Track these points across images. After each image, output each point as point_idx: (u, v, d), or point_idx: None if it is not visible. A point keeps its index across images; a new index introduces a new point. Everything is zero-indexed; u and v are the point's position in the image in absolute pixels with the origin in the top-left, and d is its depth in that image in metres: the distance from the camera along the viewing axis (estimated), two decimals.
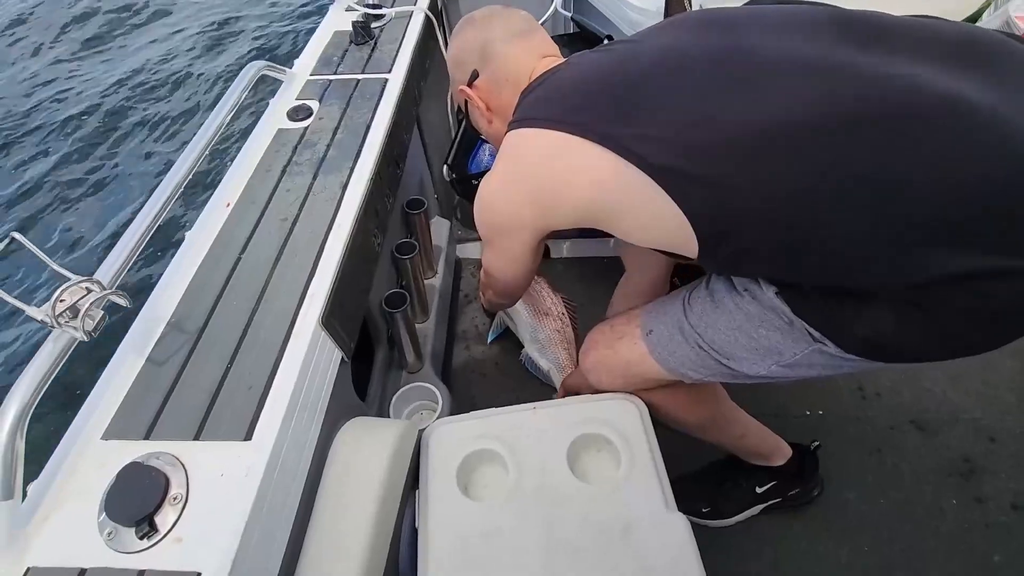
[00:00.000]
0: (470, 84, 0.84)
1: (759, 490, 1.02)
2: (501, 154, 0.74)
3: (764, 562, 1.01)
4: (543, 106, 0.70)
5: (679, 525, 0.73)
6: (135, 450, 0.60)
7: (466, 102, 0.87)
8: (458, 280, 1.51)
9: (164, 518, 0.55)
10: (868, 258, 0.55)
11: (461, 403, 1.19)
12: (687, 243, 0.62)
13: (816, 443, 1.03)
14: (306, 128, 1.03)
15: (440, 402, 1.08)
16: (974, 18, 1.06)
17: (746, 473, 1.02)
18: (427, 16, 1.33)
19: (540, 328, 1.24)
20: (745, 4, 0.73)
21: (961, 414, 1.17)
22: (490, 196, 0.76)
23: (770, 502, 1.03)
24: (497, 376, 1.32)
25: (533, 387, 1.27)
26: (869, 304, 0.58)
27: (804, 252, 0.58)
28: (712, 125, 0.58)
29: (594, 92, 0.67)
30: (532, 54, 0.80)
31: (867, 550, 1.01)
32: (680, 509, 1.04)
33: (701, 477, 1.06)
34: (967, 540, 1.01)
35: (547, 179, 0.69)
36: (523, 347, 1.27)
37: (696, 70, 0.62)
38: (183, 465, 0.59)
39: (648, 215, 0.63)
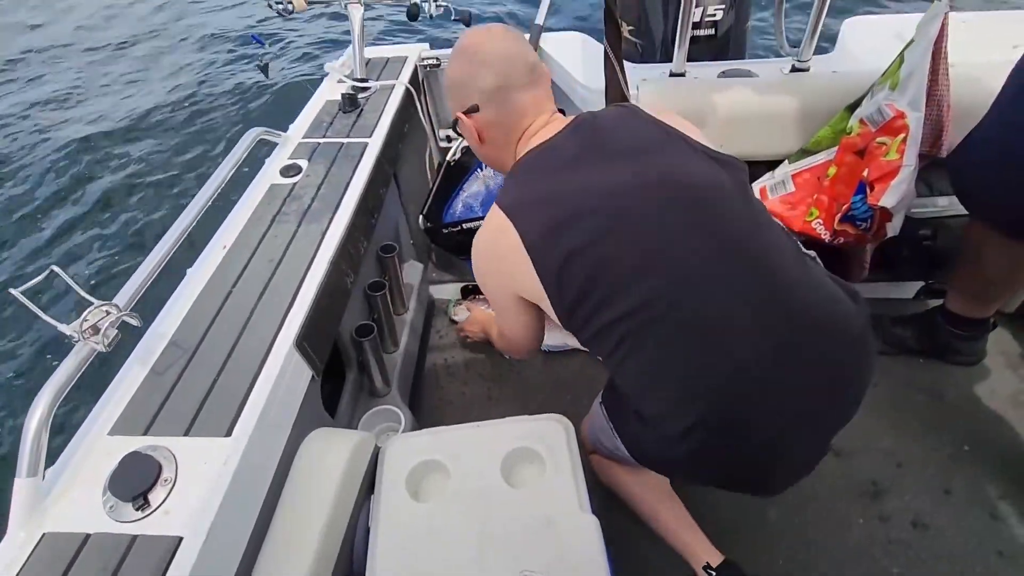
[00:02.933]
0: (467, 113, 0.87)
1: None
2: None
3: (686, 569, 1.11)
4: (508, 192, 0.85)
5: (591, 524, 0.86)
6: (135, 443, 0.74)
7: (456, 121, 0.90)
8: (431, 317, 1.67)
9: (156, 495, 0.68)
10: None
11: (427, 426, 1.31)
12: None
13: None
14: (295, 184, 1.21)
15: (403, 423, 1.22)
16: (854, 105, 1.28)
17: None
18: (407, 88, 1.55)
19: None
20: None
21: (873, 441, 1.29)
22: (475, 247, 0.89)
23: None
24: (461, 403, 1.46)
25: (492, 411, 1.40)
26: None
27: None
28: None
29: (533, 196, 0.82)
30: (533, 110, 0.87)
31: (781, 562, 1.12)
32: None
33: None
34: (870, 553, 1.12)
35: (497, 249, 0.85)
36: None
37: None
38: (174, 455, 0.73)
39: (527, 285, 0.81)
